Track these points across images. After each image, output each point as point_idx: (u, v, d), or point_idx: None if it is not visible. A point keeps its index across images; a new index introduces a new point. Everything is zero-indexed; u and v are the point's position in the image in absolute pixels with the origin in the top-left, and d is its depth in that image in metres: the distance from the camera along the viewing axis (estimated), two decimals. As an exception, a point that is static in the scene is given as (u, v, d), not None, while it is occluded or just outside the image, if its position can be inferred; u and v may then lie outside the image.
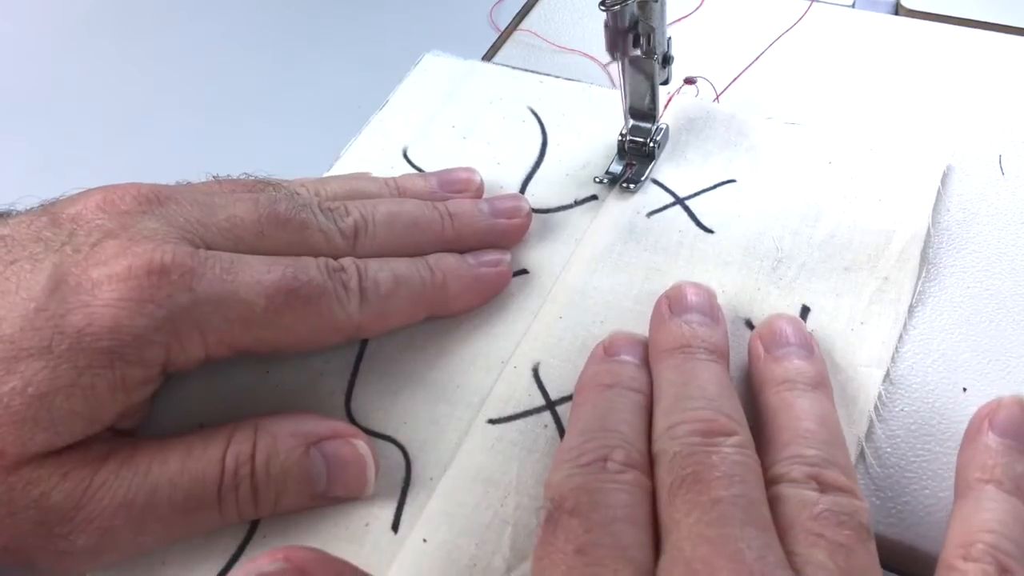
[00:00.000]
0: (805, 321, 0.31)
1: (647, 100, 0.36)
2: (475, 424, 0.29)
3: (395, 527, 0.27)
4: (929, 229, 0.33)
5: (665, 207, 0.35)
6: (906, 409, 0.29)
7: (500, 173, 0.38)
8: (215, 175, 0.31)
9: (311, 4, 0.52)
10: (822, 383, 0.27)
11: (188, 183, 0.30)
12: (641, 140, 0.36)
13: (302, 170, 0.36)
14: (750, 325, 0.31)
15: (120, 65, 0.49)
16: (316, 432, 0.27)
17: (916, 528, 0.26)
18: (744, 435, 0.25)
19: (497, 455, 0.29)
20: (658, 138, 0.36)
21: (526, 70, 0.43)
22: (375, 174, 0.37)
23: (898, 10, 0.45)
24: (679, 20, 0.44)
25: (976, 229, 0.33)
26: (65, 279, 0.25)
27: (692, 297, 0.29)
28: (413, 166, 0.38)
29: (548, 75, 0.42)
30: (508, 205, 0.34)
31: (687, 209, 0.35)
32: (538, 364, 0.31)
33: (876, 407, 0.29)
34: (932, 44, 0.41)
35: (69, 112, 0.47)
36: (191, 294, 0.25)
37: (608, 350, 0.29)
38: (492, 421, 0.29)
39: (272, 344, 0.28)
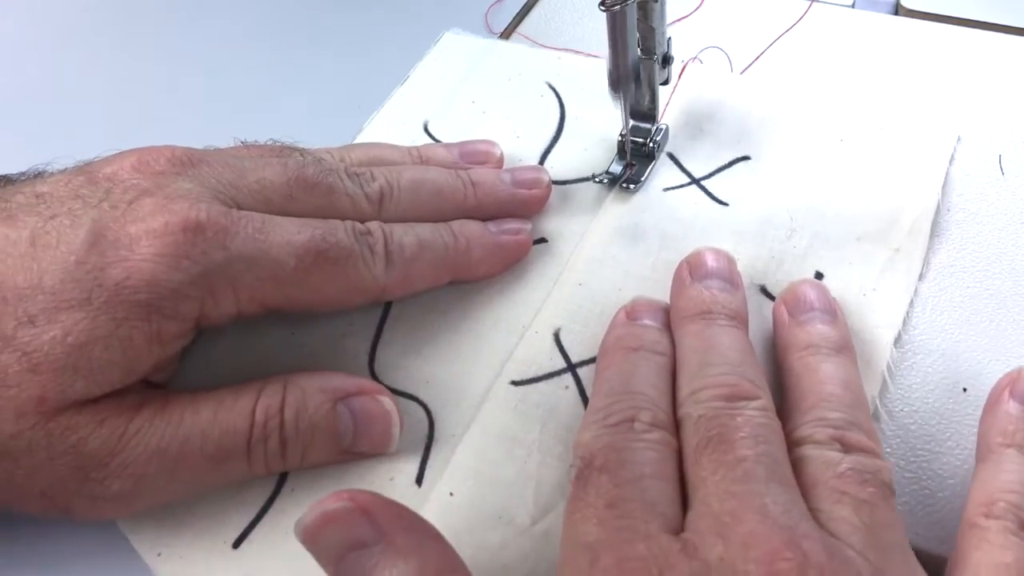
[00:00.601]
0: None
1: (647, 100, 0.36)
2: (498, 385, 0.30)
3: (419, 481, 0.28)
4: (939, 203, 0.34)
5: (681, 186, 0.36)
6: (906, 409, 0.29)
7: (519, 146, 0.39)
8: (243, 140, 0.32)
9: (302, 8, 0.52)
10: (846, 347, 0.28)
11: (217, 148, 0.31)
12: (641, 140, 0.36)
13: None
14: (764, 292, 0.32)
15: (122, 62, 0.49)
16: (343, 388, 0.28)
17: (916, 527, 0.26)
18: (766, 399, 0.25)
19: (520, 415, 0.29)
20: (658, 138, 0.36)
21: (544, 46, 0.44)
22: None
23: (898, 10, 0.45)
24: (679, 20, 0.44)
25: (976, 229, 0.33)
26: (104, 234, 0.26)
27: (712, 263, 0.30)
28: (434, 139, 0.39)
29: (566, 50, 0.43)
30: (529, 176, 0.35)
31: (703, 188, 0.36)
32: (559, 329, 0.32)
33: (888, 367, 0.30)
34: (932, 44, 0.41)
35: (69, 111, 0.47)
36: (225, 252, 0.26)
37: (631, 314, 0.29)
38: (515, 383, 0.30)
39: (301, 303, 0.29)
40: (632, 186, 0.36)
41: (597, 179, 0.36)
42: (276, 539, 0.27)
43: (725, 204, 0.35)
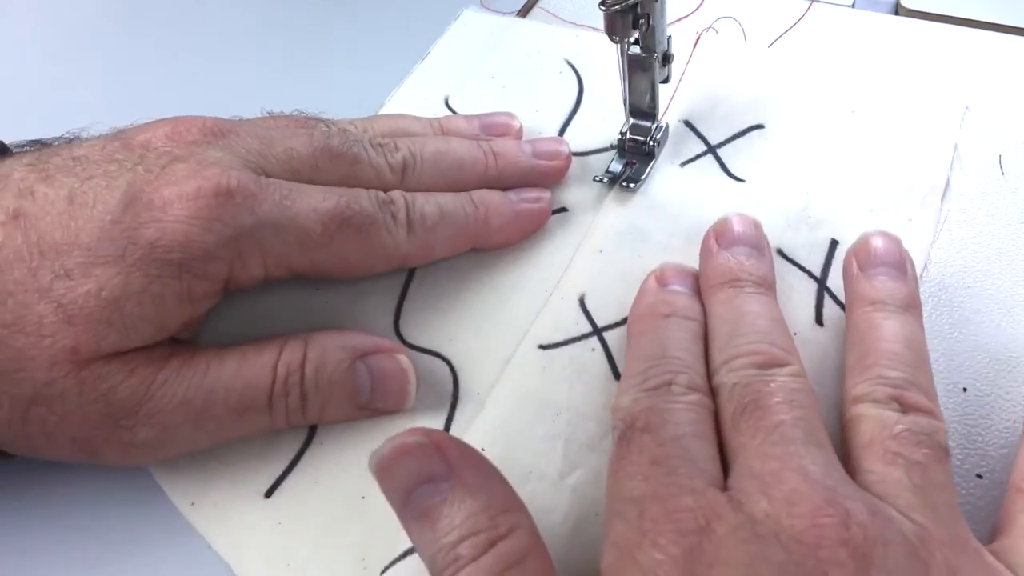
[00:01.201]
0: (833, 254, 0.33)
1: (647, 98, 0.36)
2: (525, 348, 0.31)
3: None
4: (949, 178, 0.35)
5: (697, 156, 0.37)
6: (906, 409, 0.29)
7: (538, 120, 0.39)
8: (270, 111, 0.33)
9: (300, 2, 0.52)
10: (913, 304, 0.28)
11: (245, 119, 0.32)
12: (641, 139, 0.36)
13: None
14: (781, 253, 0.33)
15: (124, 59, 0.49)
16: (362, 346, 0.29)
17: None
18: (797, 364, 0.26)
19: (548, 378, 0.30)
20: (658, 136, 0.36)
21: (565, 20, 0.45)
22: None
23: (898, 10, 0.45)
24: (679, 20, 0.44)
25: (976, 229, 0.33)
26: (139, 196, 0.27)
27: (738, 228, 0.30)
28: (455, 113, 0.40)
29: (585, 26, 0.44)
30: (549, 147, 0.36)
31: (718, 159, 0.37)
32: (584, 295, 0.32)
33: None
34: (932, 44, 0.41)
35: (70, 109, 0.46)
36: (254, 216, 0.27)
37: (660, 280, 0.30)
38: (543, 347, 0.31)
39: (325, 268, 0.30)
40: (632, 185, 0.36)
41: (597, 178, 0.36)
42: (306, 488, 0.28)
43: (742, 180, 0.36)
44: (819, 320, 0.31)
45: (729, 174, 0.36)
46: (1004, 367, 0.30)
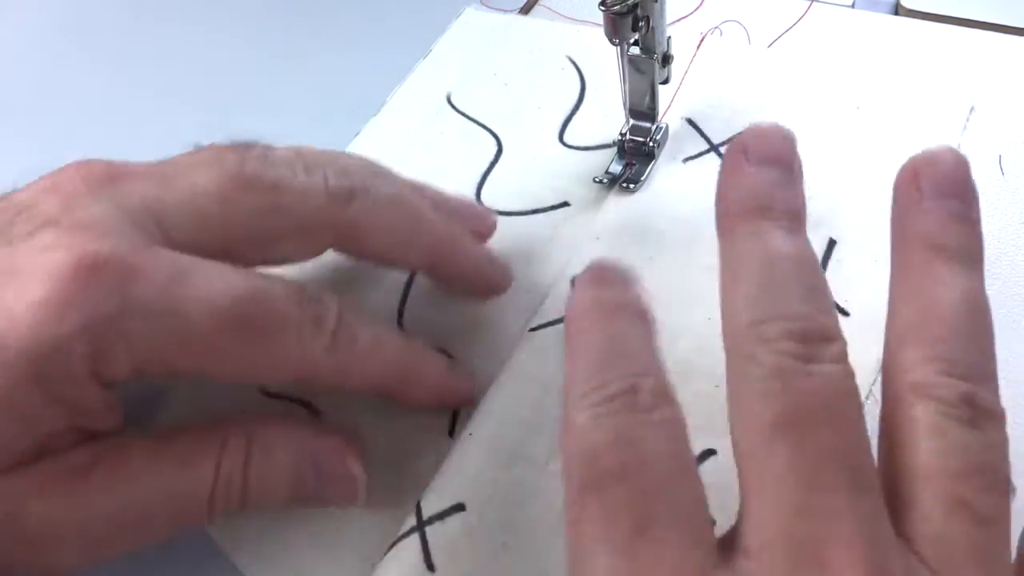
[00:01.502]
0: (830, 255, 0.32)
1: (647, 99, 0.36)
2: (522, 336, 0.31)
3: (451, 432, 0.29)
4: None
5: (700, 154, 0.37)
6: (906, 409, 0.29)
7: (540, 117, 0.40)
8: (196, 144, 0.27)
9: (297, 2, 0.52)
10: (980, 258, 0.21)
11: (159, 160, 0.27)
12: (641, 140, 0.36)
13: None
14: None
15: (123, 59, 0.49)
16: (311, 446, 0.26)
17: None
18: (843, 339, 0.19)
19: (534, 355, 0.30)
20: (658, 137, 0.36)
21: (566, 17, 0.45)
22: (419, 120, 0.40)
23: (898, 10, 0.45)
24: (679, 20, 0.44)
25: (976, 229, 0.33)
26: None
27: (776, 141, 0.22)
28: (457, 111, 0.41)
29: (587, 22, 0.44)
30: (503, 265, 0.32)
31: (720, 156, 0.37)
32: (576, 277, 0.32)
33: None
34: (932, 44, 0.41)
35: (70, 105, 0.47)
36: (121, 300, 0.22)
37: (598, 273, 0.23)
38: (533, 329, 0.32)
39: (211, 373, 0.24)
40: (632, 186, 0.36)
41: (597, 179, 0.36)
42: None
43: None
44: None
45: None
46: (1004, 367, 0.29)
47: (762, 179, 0.22)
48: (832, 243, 0.33)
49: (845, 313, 0.31)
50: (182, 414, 0.30)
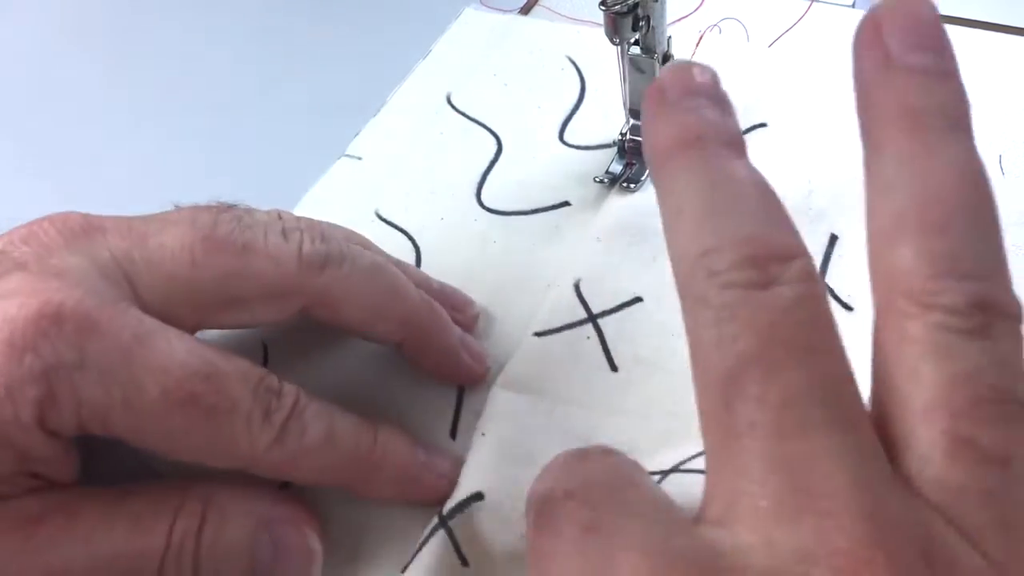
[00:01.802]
0: (832, 251, 0.32)
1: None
2: (523, 338, 0.31)
3: (453, 434, 0.29)
4: None
5: None
6: (906, 409, 0.29)
7: (541, 116, 0.40)
8: (177, 204, 0.27)
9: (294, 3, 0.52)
10: (967, 125, 0.18)
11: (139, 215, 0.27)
12: (641, 139, 0.36)
13: (302, 170, 0.36)
14: None
15: (123, 59, 0.49)
16: (268, 514, 0.25)
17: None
18: (807, 255, 0.17)
19: (544, 365, 0.30)
20: (658, 137, 0.36)
21: (566, 17, 0.45)
22: (419, 120, 0.40)
23: (898, 10, 0.45)
24: (679, 20, 0.44)
25: (976, 229, 0.33)
26: None
27: (697, 77, 0.20)
28: (457, 111, 0.41)
29: (587, 22, 0.44)
30: (480, 355, 0.31)
31: None
32: (579, 280, 0.33)
33: None
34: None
35: (68, 111, 0.47)
36: (79, 353, 0.21)
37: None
38: (538, 334, 0.31)
39: (151, 444, 0.23)
40: (632, 185, 0.36)
41: (597, 179, 0.36)
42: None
43: None
44: None
45: None
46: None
47: (689, 109, 0.19)
48: (833, 238, 0.33)
49: (848, 308, 0.31)
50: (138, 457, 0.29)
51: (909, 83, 0.18)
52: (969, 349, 0.15)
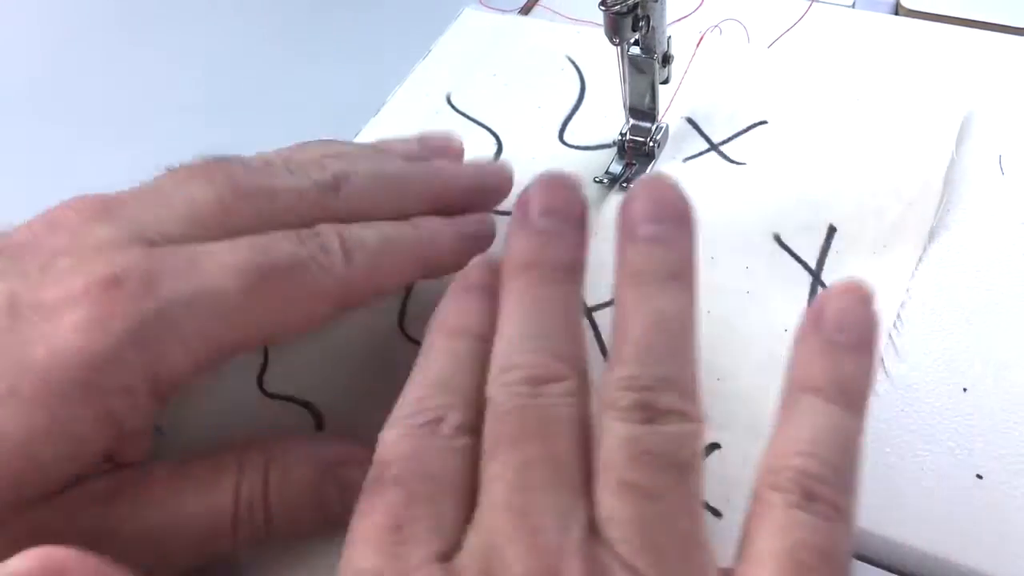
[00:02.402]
0: (830, 244, 0.33)
1: (647, 99, 0.36)
2: None
3: None
4: (953, 156, 0.35)
5: (700, 153, 0.37)
6: (906, 409, 0.29)
7: (540, 117, 0.40)
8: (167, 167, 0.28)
9: (294, 4, 0.52)
10: (682, 272, 0.24)
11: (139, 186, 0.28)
12: (641, 140, 0.36)
13: None
14: (779, 240, 0.33)
15: (123, 60, 0.49)
16: (329, 457, 0.26)
17: (914, 526, 0.26)
18: (575, 380, 0.22)
19: None
20: (658, 137, 0.36)
21: (567, 17, 0.46)
22: (419, 120, 0.40)
23: (898, 10, 0.45)
24: (679, 20, 0.44)
25: (976, 229, 0.33)
26: (18, 310, 0.22)
27: (560, 194, 0.25)
28: (457, 111, 0.41)
29: (587, 22, 0.44)
30: (494, 168, 0.34)
31: (721, 154, 0.37)
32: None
33: (895, 325, 0.30)
34: (932, 44, 0.41)
35: (68, 111, 0.47)
36: (155, 300, 0.23)
37: (464, 285, 0.26)
38: None
39: (259, 332, 0.25)
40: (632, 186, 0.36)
41: (597, 179, 0.36)
42: None
43: (742, 163, 0.36)
44: None
45: (731, 161, 0.37)
46: (1004, 367, 0.30)
47: (536, 233, 0.25)
48: (832, 230, 0.33)
49: None
50: (191, 432, 0.30)
51: (636, 247, 0.24)
52: (632, 428, 0.21)
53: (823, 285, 0.32)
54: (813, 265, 0.32)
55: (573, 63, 0.42)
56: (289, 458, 0.26)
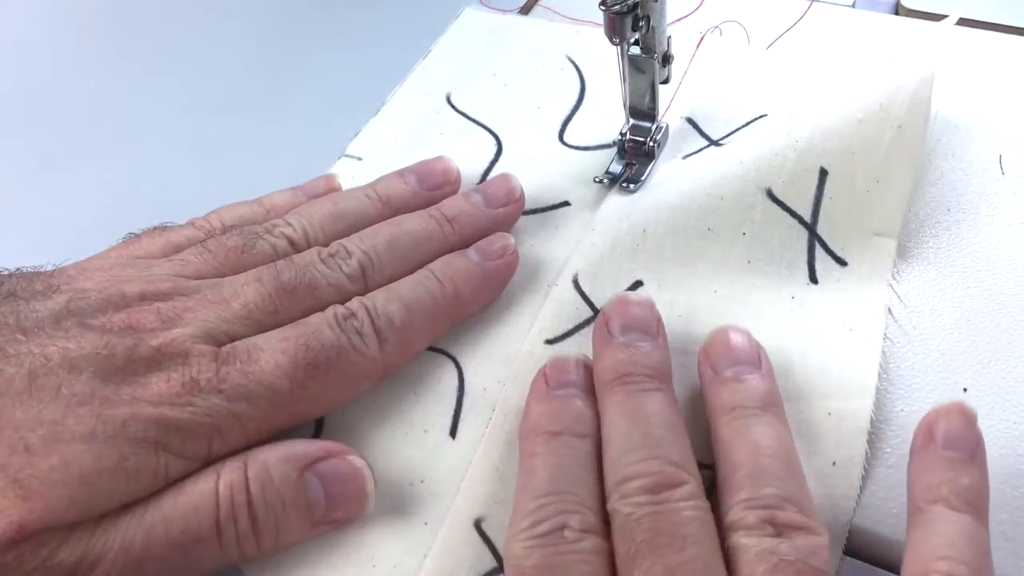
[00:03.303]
0: (823, 190, 0.32)
1: (647, 99, 0.36)
2: (531, 343, 0.31)
3: (453, 433, 0.30)
4: (934, 74, 0.34)
5: (699, 150, 0.37)
6: (906, 410, 0.29)
7: (541, 117, 0.40)
8: (131, 232, 0.32)
9: (296, 5, 0.52)
10: (772, 402, 0.27)
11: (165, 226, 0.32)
12: (641, 139, 0.36)
13: (303, 170, 0.37)
14: (771, 195, 0.33)
15: (124, 58, 0.49)
16: (307, 455, 0.27)
17: (916, 528, 0.26)
18: (693, 483, 0.25)
19: None
20: (658, 137, 0.36)
21: (567, 16, 0.46)
22: (419, 120, 0.40)
23: (898, 10, 0.45)
24: (679, 20, 0.44)
25: (976, 229, 0.33)
26: (106, 385, 0.26)
27: (635, 311, 0.29)
28: (457, 111, 0.41)
29: (587, 22, 0.45)
30: (501, 192, 0.35)
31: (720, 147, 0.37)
32: (576, 274, 0.33)
33: (894, 275, 0.31)
34: (932, 44, 0.41)
35: (70, 111, 0.47)
36: (221, 395, 0.26)
37: (550, 381, 0.28)
38: (549, 341, 0.31)
39: (307, 413, 0.29)
40: (632, 186, 0.36)
41: (598, 179, 0.36)
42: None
43: (730, 141, 0.36)
44: (813, 278, 0.31)
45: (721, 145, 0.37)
46: (1004, 367, 0.30)
47: (621, 349, 0.28)
48: (824, 173, 0.33)
49: (842, 263, 0.32)
50: None
51: (729, 387, 0.27)
52: (766, 541, 0.24)
53: (820, 239, 0.32)
54: (808, 218, 0.32)
55: (573, 63, 0.42)
56: (267, 461, 0.26)
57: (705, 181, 0.33)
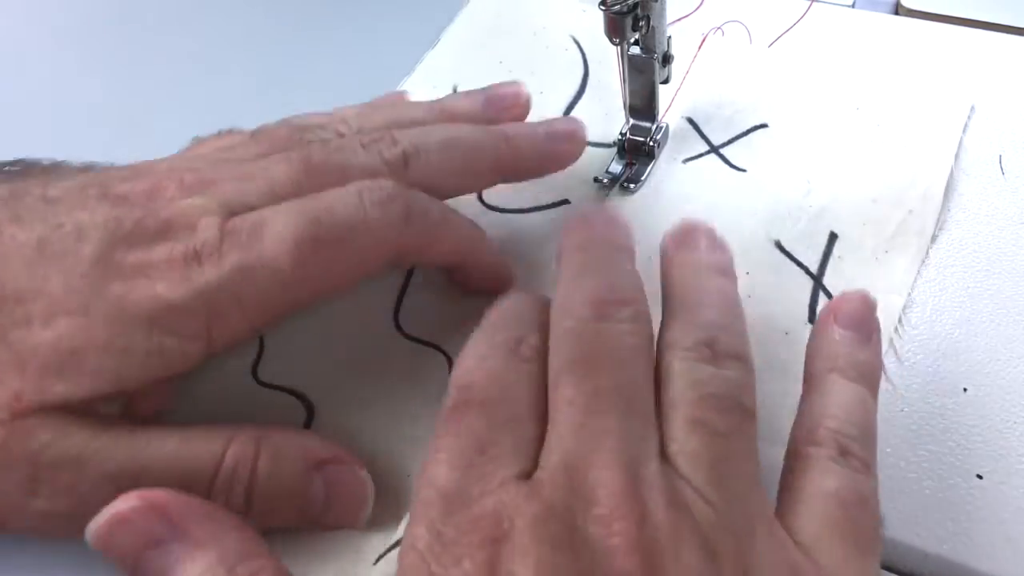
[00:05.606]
0: (831, 250, 0.33)
1: (647, 99, 0.36)
2: None
3: None
4: (952, 170, 0.35)
5: (700, 155, 0.37)
6: (906, 409, 0.29)
7: (543, 102, 0.39)
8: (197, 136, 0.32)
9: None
10: (730, 273, 0.27)
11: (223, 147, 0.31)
12: (641, 139, 0.36)
13: None
14: (780, 247, 0.33)
15: (127, 54, 0.49)
16: (319, 455, 0.27)
17: (915, 527, 0.26)
18: (639, 305, 0.24)
19: None
20: (658, 137, 0.36)
21: None
22: None
23: (898, 10, 0.45)
24: (679, 20, 0.44)
25: (976, 229, 0.33)
26: (111, 252, 0.26)
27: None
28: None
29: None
30: (565, 129, 0.33)
31: (721, 157, 0.37)
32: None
33: (896, 329, 0.31)
34: (932, 44, 0.41)
35: (70, 105, 0.47)
36: (218, 269, 0.26)
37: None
38: None
39: (312, 295, 0.28)
40: (632, 186, 0.36)
41: (597, 179, 0.36)
42: None
43: (743, 170, 0.36)
44: (812, 319, 0.31)
45: (731, 165, 0.37)
46: (1004, 367, 0.30)
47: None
48: (833, 237, 0.33)
49: None
50: (183, 417, 0.29)
51: (691, 253, 0.27)
52: (704, 371, 0.23)
53: (824, 289, 0.32)
54: (815, 270, 0.32)
55: (577, 43, 0.42)
56: (281, 448, 0.26)
57: (714, 219, 0.33)
